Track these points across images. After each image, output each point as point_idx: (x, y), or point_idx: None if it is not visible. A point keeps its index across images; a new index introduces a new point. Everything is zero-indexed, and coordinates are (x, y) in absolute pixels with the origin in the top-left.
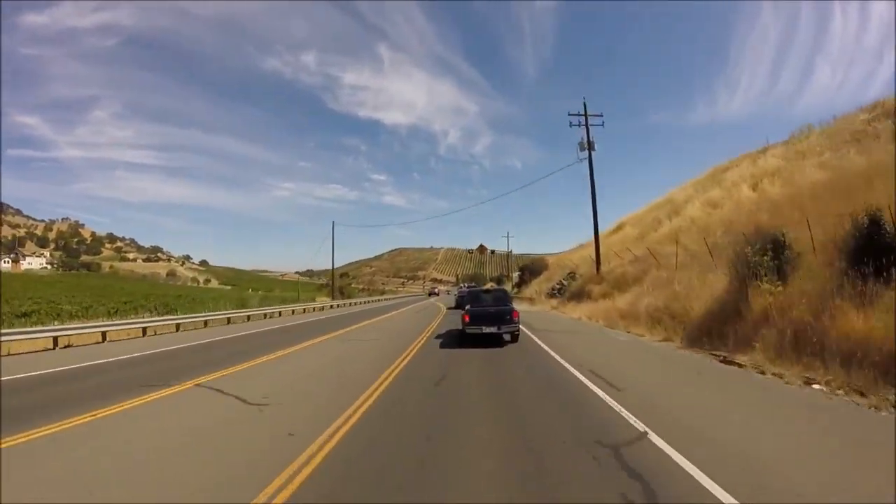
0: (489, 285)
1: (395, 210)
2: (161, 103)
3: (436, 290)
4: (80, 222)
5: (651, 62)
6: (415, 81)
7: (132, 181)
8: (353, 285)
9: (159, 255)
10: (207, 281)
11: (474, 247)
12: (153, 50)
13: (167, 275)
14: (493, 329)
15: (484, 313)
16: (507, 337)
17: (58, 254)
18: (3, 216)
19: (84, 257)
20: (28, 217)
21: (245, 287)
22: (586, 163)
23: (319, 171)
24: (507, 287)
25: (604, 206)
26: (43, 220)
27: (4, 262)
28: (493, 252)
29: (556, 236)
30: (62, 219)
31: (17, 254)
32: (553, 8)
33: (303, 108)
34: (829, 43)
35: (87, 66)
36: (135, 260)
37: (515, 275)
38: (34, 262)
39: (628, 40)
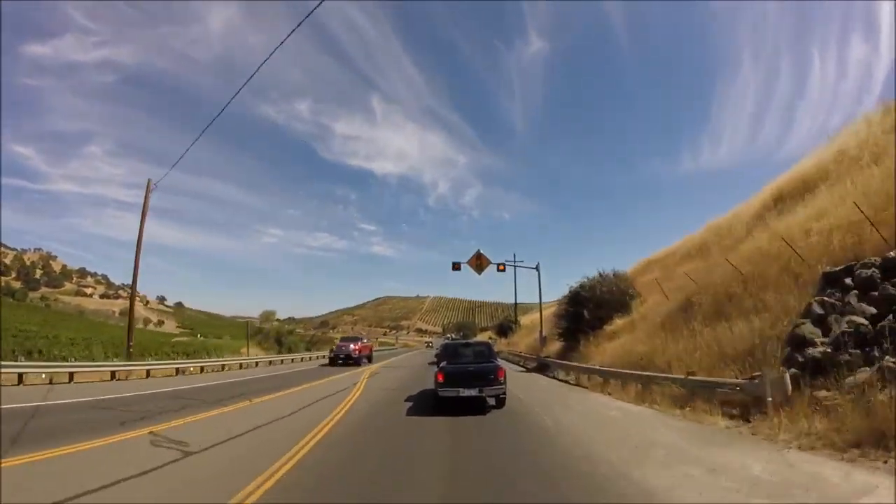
0: (488, 336)
1: (382, 260)
2: (155, 144)
3: (430, 343)
4: (53, 254)
5: (638, 116)
6: (406, 133)
7: (122, 219)
8: (328, 333)
9: (121, 292)
10: (161, 323)
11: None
12: (151, 90)
13: (119, 313)
14: (472, 392)
15: (462, 372)
16: (490, 401)
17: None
18: None
19: (44, 289)
20: (2, 246)
21: (204, 332)
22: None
23: (308, 220)
24: (516, 337)
25: (598, 252)
26: (15, 249)
27: None
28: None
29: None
30: (34, 249)
31: None
32: (541, 64)
33: (295, 155)
34: (809, 91)
35: (85, 100)
36: (91, 296)
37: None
38: None
39: (614, 96)
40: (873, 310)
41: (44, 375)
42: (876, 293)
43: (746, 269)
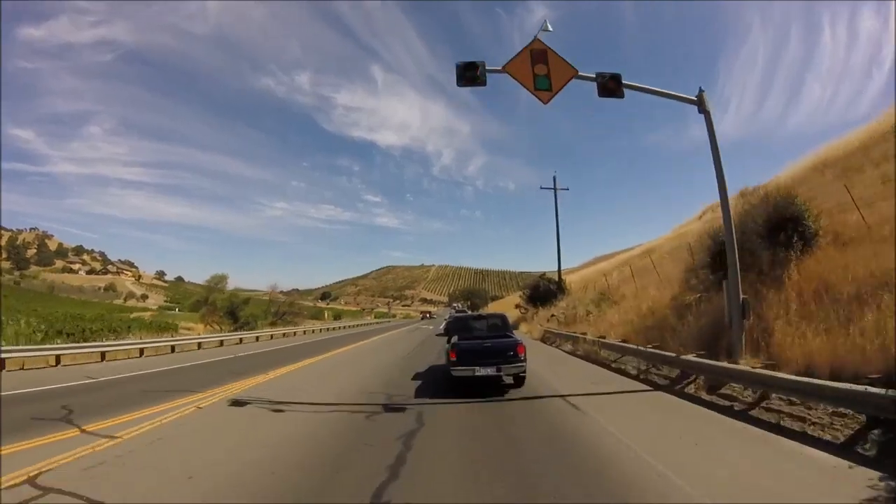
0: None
1: (387, 231)
2: (155, 120)
3: (427, 314)
4: (49, 233)
5: (643, 81)
6: (408, 102)
7: (125, 198)
8: (332, 306)
9: (117, 268)
10: (144, 297)
11: None
12: (149, 66)
13: (105, 289)
14: (489, 370)
15: (478, 348)
16: (508, 379)
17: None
18: None
19: (34, 268)
20: None
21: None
22: None
23: (313, 191)
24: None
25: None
26: (11, 230)
27: None
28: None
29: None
30: (30, 229)
31: None
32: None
33: (297, 127)
34: (818, 61)
35: (83, 80)
36: (77, 272)
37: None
38: None
39: (618, 58)
40: None
41: None
42: None
43: None
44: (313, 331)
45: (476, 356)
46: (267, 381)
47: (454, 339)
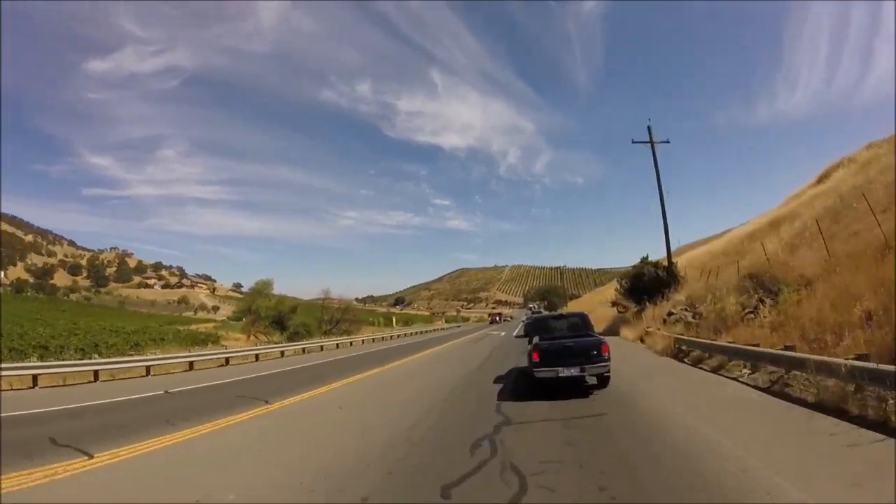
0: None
1: (458, 234)
2: (225, 139)
3: (497, 317)
4: (129, 252)
5: (706, 58)
6: (469, 103)
7: (202, 215)
8: (404, 311)
9: (191, 281)
10: (216, 308)
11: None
12: (214, 88)
13: (178, 302)
14: (573, 371)
15: (560, 349)
16: (591, 380)
17: (85, 280)
18: None
19: (112, 284)
20: (80, 248)
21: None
22: None
23: (382, 199)
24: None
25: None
26: (92, 250)
27: None
28: None
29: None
30: (111, 248)
31: None
32: (600, 14)
33: (361, 136)
34: (886, 27)
35: (152, 107)
36: (153, 287)
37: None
38: None
39: (680, 36)
40: None
41: None
42: None
43: None
44: (373, 339)
45: (559, 357)
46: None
47: (535, 339)
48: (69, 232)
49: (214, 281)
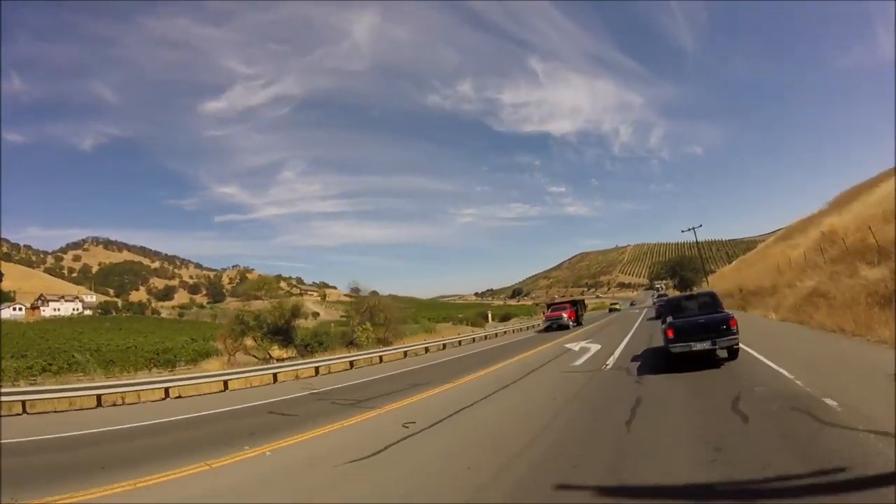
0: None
1: (578, 219)
2: (340, 155)
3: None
4: (250, 268)
5: None
6: (573, 86)
7: (327, 228)
8: (520, 302)
9: (300, 290)
10: (315, 314)
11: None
12: (323, 109)
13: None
14: (705, 345)
15: (693, 325)
16: (722, 353)
17: (192, 301)
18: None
19: (229, 299)
20: (206, 269)
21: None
22: None
23: (498, 193)
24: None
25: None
26: (215, 270)
27: (14, 309)
28: None
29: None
30: (233, 266)
31: (42, 300)
32: None
33: (470, 135)
34: None
35: (269, 134)
36: (261, 298)
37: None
38: (63, 308)
39: None
40: None
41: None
42: None
43: None
44: (427, 349)
45: (691, 332)
46: None
47: (669, 318)
48: (201, 257)
49: (333, 287)
